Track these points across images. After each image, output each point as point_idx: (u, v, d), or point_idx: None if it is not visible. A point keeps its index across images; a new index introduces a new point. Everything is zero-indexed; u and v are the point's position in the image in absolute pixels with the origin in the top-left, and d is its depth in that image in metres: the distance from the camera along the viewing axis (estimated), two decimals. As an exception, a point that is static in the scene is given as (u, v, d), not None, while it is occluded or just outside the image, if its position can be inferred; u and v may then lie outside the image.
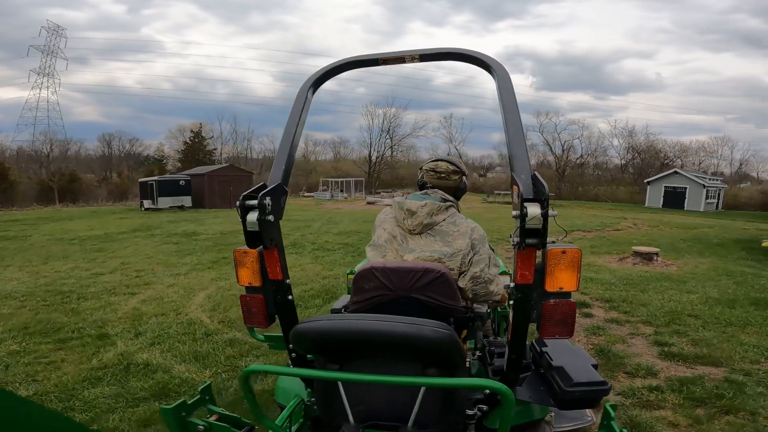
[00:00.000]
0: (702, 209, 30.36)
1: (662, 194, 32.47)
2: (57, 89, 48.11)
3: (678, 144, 45.94)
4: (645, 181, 35.14)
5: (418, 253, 1.78)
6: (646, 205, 33.02)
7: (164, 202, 23.79)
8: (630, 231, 14.08)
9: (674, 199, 31.64)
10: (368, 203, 26.61)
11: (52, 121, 45.99)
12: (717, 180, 34.43)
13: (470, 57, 1.79)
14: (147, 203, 24.22)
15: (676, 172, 32.61)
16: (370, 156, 49.55)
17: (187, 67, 79.75)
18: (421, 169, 2.13)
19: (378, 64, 1.89)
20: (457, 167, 2.08)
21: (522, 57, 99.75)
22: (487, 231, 2.01)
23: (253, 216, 1.49)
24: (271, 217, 1.51)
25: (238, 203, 1.51)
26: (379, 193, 36.33)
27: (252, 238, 1.52)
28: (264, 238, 1.52)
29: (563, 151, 48.53)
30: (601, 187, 43.45)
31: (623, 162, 47.63)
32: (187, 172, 28.58)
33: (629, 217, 20.31)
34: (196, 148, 43.83)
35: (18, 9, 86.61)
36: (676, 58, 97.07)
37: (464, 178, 2.11)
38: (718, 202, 32.79)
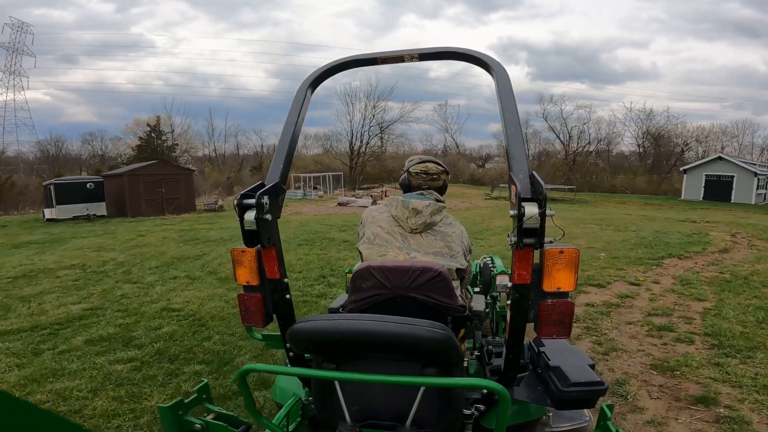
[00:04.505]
0: (753, 201, 24.84)
1: (703, 184, 26.78)
2: (24, 88, 44.09)
3: (698, 128, 39.96)
4: (681, 169, 29.36)
5: (422, 253, 1.82)
6: (682, 197, 27.35)
7: (66, 210, 17.80)
8: (747, 253, 8.37)
9: (718, 190, 25.97)
10: (339, 204, 20.63)
11: (20, 121, 42.04)
12: (766, 167, 28.76)
13: (469, 56, 1.82)
14: (49, 212, 18.33)
15: (720, 158, 26.80)
16: (351, 145, 42.09)
17: (179, 63, 76.17)
18: (408, 171, 2.08)
19: (377, 63, 1.92)
20: (444, 167, 2.09)
21: (516, 48, 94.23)
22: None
23: (250, 215, 1.50)
24: (268, 216, 1.52)
25: (235, 202, 1.51)
26: (359, 191, 30.27)
27: (250, 237, 1.53)
28: (262, 237, 1.52)
29: (570, 137, 42.62)
30: (615, 176, 37.85)
31: (642, 150, 41.75)
32: (121, 170, 22.67)
33: (697, 218, 14.60)
34: (153, 145, 37.76)
35: (2, 9, 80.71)
36: (670, 48, 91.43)
37: (446, 176, 2.12)
38: (766, 193, 27.24)
